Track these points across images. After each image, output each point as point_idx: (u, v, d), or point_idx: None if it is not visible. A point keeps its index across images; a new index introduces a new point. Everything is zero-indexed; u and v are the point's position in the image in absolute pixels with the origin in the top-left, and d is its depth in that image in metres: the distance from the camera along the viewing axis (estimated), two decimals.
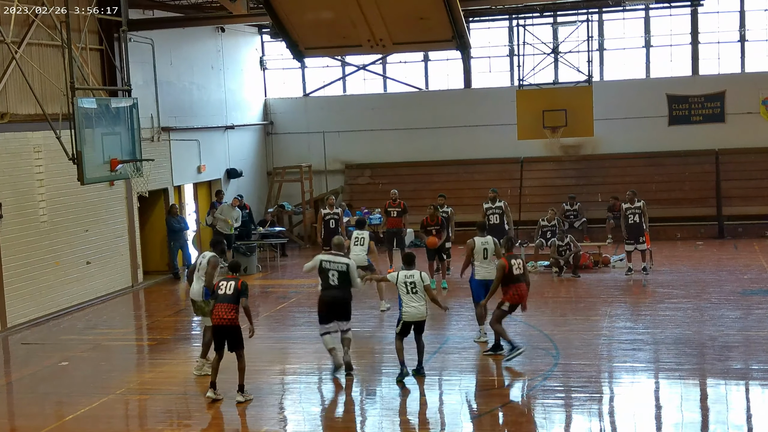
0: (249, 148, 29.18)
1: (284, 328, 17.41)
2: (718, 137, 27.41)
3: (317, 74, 30.54)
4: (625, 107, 27.57)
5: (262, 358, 14.91)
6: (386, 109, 29.48)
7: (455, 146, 28.80)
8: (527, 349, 14.06)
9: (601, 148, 27.96)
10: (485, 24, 29.17)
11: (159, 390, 13.45)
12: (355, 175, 29.87)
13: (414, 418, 12.04)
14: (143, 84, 22.14)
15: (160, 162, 22.34)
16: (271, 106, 30.54)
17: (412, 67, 29.93)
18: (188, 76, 25.41)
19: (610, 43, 28.69)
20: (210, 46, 26.82)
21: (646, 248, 20.88)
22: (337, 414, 12.26)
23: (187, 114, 25.09)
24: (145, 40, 22.31)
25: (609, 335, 15.50)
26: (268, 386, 13.38)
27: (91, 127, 16.02)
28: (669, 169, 27.19)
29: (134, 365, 15.45)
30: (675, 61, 28.35)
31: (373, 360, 14.60)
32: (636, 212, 20.83)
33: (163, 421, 12.07)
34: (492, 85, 29.18)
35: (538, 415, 11.71)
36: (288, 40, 16.69)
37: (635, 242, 20.81)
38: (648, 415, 11.67)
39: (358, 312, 15.52)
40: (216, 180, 26.70)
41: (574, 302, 18.52)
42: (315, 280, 14.39)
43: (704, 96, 27.67)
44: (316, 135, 29.58)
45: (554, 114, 24.71)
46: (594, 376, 13.20)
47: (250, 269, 23.10)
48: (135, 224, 21.98)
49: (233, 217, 23.48)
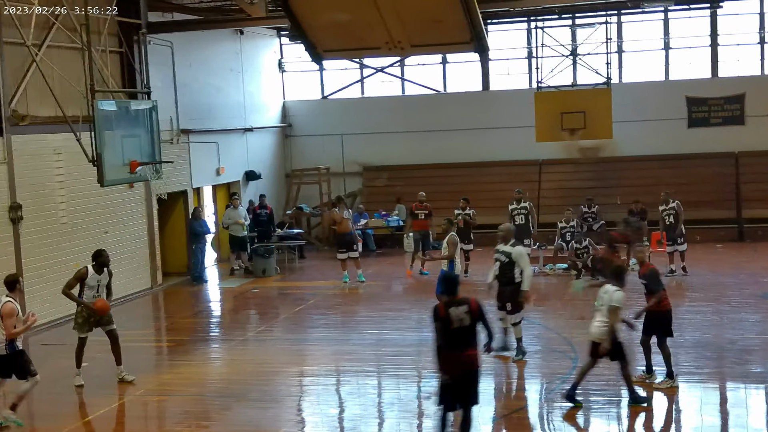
0: (267, 151, 29.25)
1: (302, 329, 17.43)
2: (738, 139, 27.26)
3: (335, 76, 30.59)
4: (644, 109, 27.46)
5: (279, 359, 14.96)
6: (404, 112, 29.47)
7: (473, 149, 28.75)
8: (546, 351, 14.04)
9: (620, 150, 27.85)
10: (503, 26, 29.14)
11: (177, 391, 13.50)
12: (372, 178, 29.88)
13: (431, 420, 12.00)
14: (162, 86, 22.21)
15: (179, 164, 22.41)
16: (290, 108, 30.60)
17: (430, 70, 29.92)
18: (207, 79, 25.50)
19: (628, 45, 28.61)
20: (229, 48, 26.91)
21: (684, 249, 20.79)
22: (354, 416, 12.25)
23: (206, 116, 25.17)
24: (164, 43, 22.39)
25: (628, 338, 15.35)
26: (285, 388, 13.42)
27: (111, 130, 16.08)
28: (688, 172, 27.04)
29: (153, 366, 15.50)
30: (694, 63, 28.22)
31: (391, 362, 14.60)
32: (671, 213, 20.80)
33: (181, 422, 12.11)
34: (510, 88, 29.15)
35: (556, 418, 11.67)
36: (306, 42, 16.67)
37: (674, 243, 20.75)
38: (667, 419, 11.62)
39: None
40: (234, 182, 26.78)
41: (592, 305, 18.38)
42: (332, 282, 14.39)
43: (724, 98, 27.53)
44: (334, 137, 29.60)
45: (573, 116, 24.60)
46: (613, 380, 13.11)
47: (269, 271, 23.14)
48: (154, 226, 22.07)
49: (241, 217, 23.58)
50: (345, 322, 17.98)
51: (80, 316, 13.66)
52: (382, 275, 22.60)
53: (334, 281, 21.70)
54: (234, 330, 17.86)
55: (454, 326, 9.60)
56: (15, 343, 11.62)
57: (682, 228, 20.88)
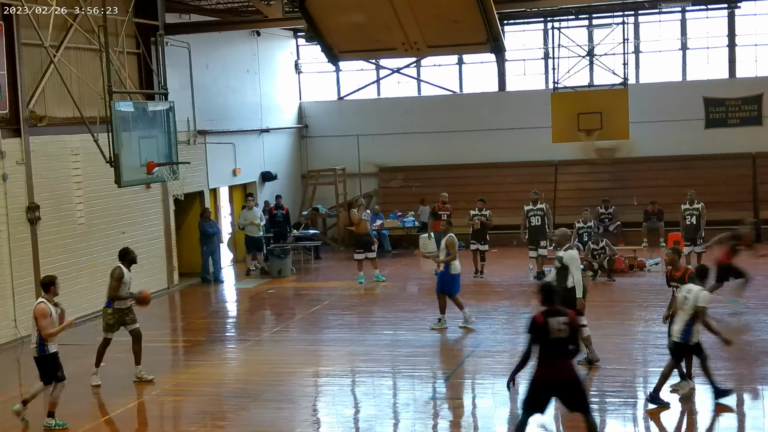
0: (284, 151, 29.32)
1: (317, 330, 17.46)
2: (756, 140, 27.14)
3: (352, 77, 30.63)
4: (661, 110, 27.36)
5: (295, 360, 15.00)
6: (420, 112, 29.48)
7: (489, 149, 28.73)
8: None
9: (637, 151, 27.77)
10: (520, 27, 29.11)
11: (193, 391, 13.55)
12: (388, 178, 29.90)
13: (446, 421, 12.03)
14: (179, 87, 22.28)
15: (195, 165, 22.46)
16: (306, 109, 30.66)
17: (447, 70, 29.91)
18: (224, 80, 25.58)
19: (645, 45, 28.52)
20: (245, 49, 26.98)
21: (702, 251, 20.72)
22: (369, 416, 12.25)
23: (223, 117, 25.25)
24: (181, 44, 22.48)
25: (644, 340, 15.41)
26: (300, 388, 13.45)
27: (128, 131, 16.13)
28: (705, 173, 26.92)
29: (169, 366, 15.54)
30: (711, 63, 28.11)
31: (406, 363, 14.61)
32: (694, 213, 20.79)
33: (196, 422, 12.15)
34: (526, 88, 29.12)
35: (571, 420, 11.64)
36: (323, 43, 16.73)
37: (692, 244, 20.71)
38: (682, 421, 11.59)
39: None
40: (251, 183, 26.86)
41: (609, 306, 18.40)
42: (348, 282, 14.41)
43: (741, 99, 27.42)
44: (350, 138, 29.63)
45: (589, 117, 24.53)
46: (629, 381, 13.13)
47: (285, 272, 23.20)
48: (171, 227, 22.15)
49: (256, 217, 23.66)
50: (360, 322, 18.01)
51: (112, 317, 13.72)
52: (398, 276, 22.60)
53: (349, 282, 21.74)
54: (250, 330, 17.91)
55: (552, 336, 9.56)
56: (46, 347, 11.64)
57: (702, 231, 20.83)
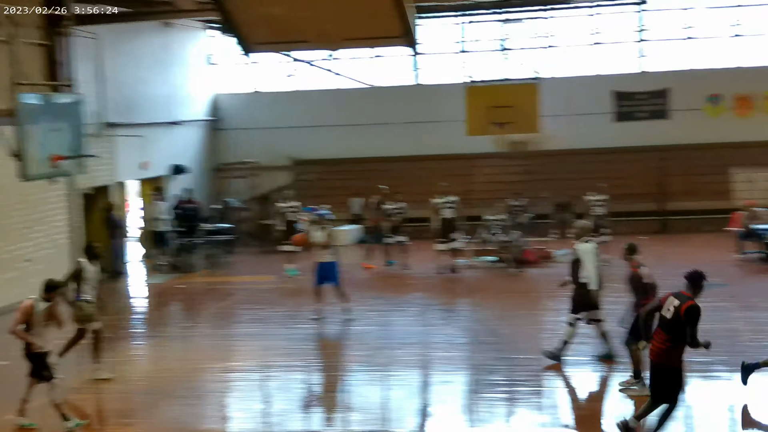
0: (195, 145, 28.95)
1: (228, 325, 17.30)
2: (663, 134, 27.77)
3: (266, 70, 30.39)
4: (572, 104, 27.76)
5: (205, 355, 14.83)
6: (335, 105, 29.43)
7: (404, 142, 28.80)
8: (473, 343, 14.13)
9: (548, 144, 28.17)
10: (435, 20, 29.23)
11: (100, 389, 13.26)
12: (303, 172, 29.77)
13: (359, 414, 11.99)
14: (88, 79, 21.81)
15: (104, 158, 22.04)
16: (219, 101, 30.33)
17: (362, 63, 29.90)
18: (134, 72, 25.12)
19: (557, 40, 28.92)
20: (156, 41, 26.55)
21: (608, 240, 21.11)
22: (281, 411, 12.17)
23: (133, 110, 24.81)
24: (90, 36, 21.99)
25: (553, 329, 15.58)
26: (211, 384, 13.30)
27: (35, 124, 15.75)
28: (614, 165, 27.37)
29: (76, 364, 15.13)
30: (621, 58, 28.64)
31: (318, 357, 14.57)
32: (601, 204, 21.22)
33: (104, 420, 11.91)
34: (441, 82, 29.26)
35: (482, 409, 11.76)
36: (236, 35, 16.59)
37: (598, 233, 21.10)
38: (589, 408, 11.79)
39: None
40: (161, 176, 26.46)
41: (519, 297, 18.63)
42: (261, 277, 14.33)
43: (650, 93, 28.03)
44: (264, 131, 29.40)
45: (502, 110, 24.78)
46: (538, 370, 13.29)
47: (196, 267, 22.94)
48: (78, 221, 21.66)
49: (162, 212, 23.33)
50: (273, 317, 17.85)
51: (89, 308, 13.45)
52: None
53: (261, 276, 21.63)
54: (159, 326, 17.66)
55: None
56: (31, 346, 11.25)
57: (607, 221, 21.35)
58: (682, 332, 9.59)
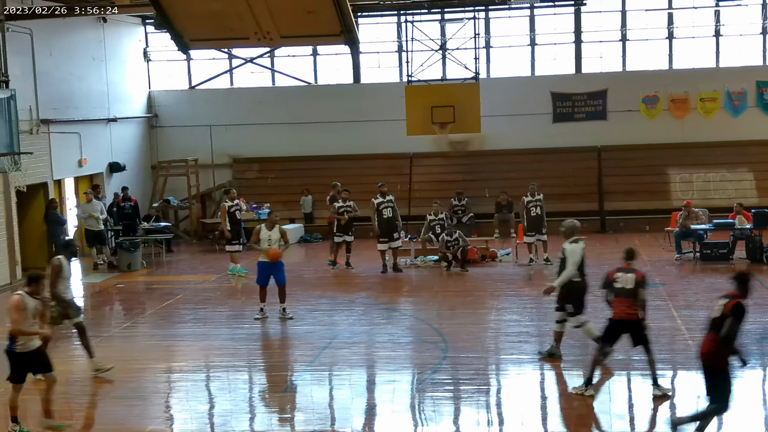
0: (132, 142, 28.53)
1: (170, 325, 17.04)
2: (600, 134, 28.13)
3: (204, 66, 30.08)
4: (511, 104, 27.98)
5: (147, 356, 14.62)
6: (274, 103, 29.24)
7: (345, 141, 28.73)
8: (417, 342, 14.10)
9: (489, 144, 28.36)
10: (374, 19, 29.25)
11: (39, 390, 12.94)
12: (243, 170, 29.54)
13: (302, 414, 11.89)
14: (22, 75, 21.38)
15: (39, 155, 21.65)
16: (156, 98, 29.93)
17: (301, 61, 29.76)
18: (69, 68, 24.69)
19: (496, 40, 29.11)
20: (91, 36, 26.11)
21: (546, 239, 21.31)
22: (224, 411, 12.01)
23: (68, 106, 24.37)
24: (23, 30, 21.56)
25: (496, 328, 15.70)
26: (153, 384, 13.09)
27: None
28: (553, 165, 27.69)
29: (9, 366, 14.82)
30: (559, 59, 28.96)
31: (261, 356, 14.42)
32: (538, 204, 21.32)
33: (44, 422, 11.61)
34: (381, 81, 29.25)
35: (427, 408, 11.74)
36: (172, 31, 16.37)
37: (537, 233, 21.27)
38: (534, 406, 11.85)
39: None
40: (98, 174, 26.03)
41: (463, 296, 18.68)
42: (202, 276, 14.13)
43: (587, 94, 28.37)
44: (202, 128, 29.11)
45: (442, 110, 24.92)
46: (482, 369, 13.33)
47: (134, 265, 22.55)
48: (13, 220, 21.18)
49: (96, 210, 22.88)
50: (215, 316, 17.64)
51: (55, 310, 13.11)
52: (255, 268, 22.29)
53: (203, 275, 21.38)
54: (98, 326, 17.24)
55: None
56: (13, 344, 10.89)
57: (545, 220, 21.47)
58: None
